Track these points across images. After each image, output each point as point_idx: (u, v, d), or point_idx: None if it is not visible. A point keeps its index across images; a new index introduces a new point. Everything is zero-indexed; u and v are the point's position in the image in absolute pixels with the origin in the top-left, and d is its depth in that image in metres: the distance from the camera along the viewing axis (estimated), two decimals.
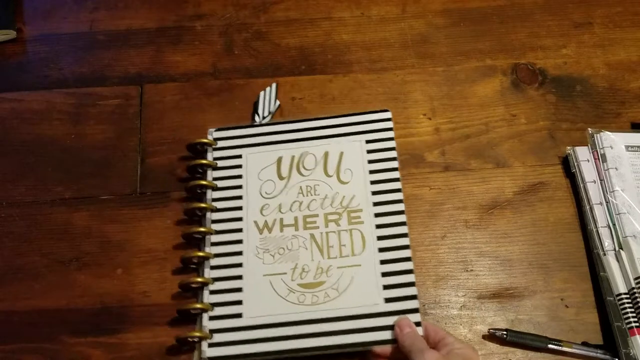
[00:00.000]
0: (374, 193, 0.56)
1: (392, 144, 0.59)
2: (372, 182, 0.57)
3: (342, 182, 0.57)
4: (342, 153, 0.58)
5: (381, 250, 0.54)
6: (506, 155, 0.62)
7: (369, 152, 0.58)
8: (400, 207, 0.56)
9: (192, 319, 0.53)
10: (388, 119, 0.60)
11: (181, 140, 0.62)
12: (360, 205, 0.56)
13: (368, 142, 0.59)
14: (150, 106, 0.64)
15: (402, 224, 0.55)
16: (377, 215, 0.55)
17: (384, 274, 0.53)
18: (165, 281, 0.55)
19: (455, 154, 0.62)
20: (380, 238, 0.54)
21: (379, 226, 0.55)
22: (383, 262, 0.53)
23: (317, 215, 0.56)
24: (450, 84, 0.66)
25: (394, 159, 0.58)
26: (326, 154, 0.58)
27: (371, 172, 0.57)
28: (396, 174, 0.57)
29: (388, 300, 0.51)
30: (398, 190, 0.57)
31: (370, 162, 0.58)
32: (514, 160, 0.62)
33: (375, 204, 0.56)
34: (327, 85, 0.66)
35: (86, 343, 0.52)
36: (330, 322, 0.51)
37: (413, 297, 0.51)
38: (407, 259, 0.53)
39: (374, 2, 0.72)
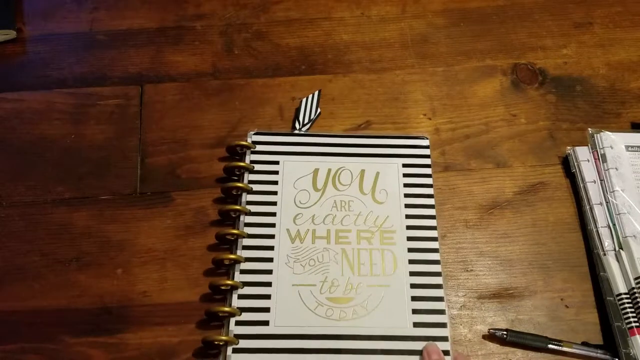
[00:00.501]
0: (408, 217, 0.56)
1: (428, 170, 0.59)
2: (407, 206, 0.57)
3: (376, 202, 0.57)
4: (378, 173, 0.58)
5: (412, 274, 0.54)
6: (506, 155, 0.62)
7: (405, 175, 0.59)
8: (433, 233, 0.56)
9: (217, 321, 0.53)
10: (426, 146, 0.61)
11: (181, 140, 0.62)
12: (394, 227, 0.56)
13: (405, 166, 0.59)
14: (150, 106, 0.64)
15: (435, 250, 0.55)
16: (409, 238, 0.55)
17: (414, 298, 0.52)
18: (166, 281, 0.55)
19: (455, 154, 0.62)
20: (411, 262, 0.54)
21: (411, 250, 0.55)
22: (413, 286, 0.53)
23: (349, 231, 0.55)
24: (450, 84, 0.66)
25: (429, 185, 0.58)
26: (362, 172, 0.58)
27: (406, 195, 0.57)
28: (431, 201, 0.57)
29: (417, 324, 0.51)
30: (432, 217, 0.57)
31: (405, 185, 0.58)
32: (514, 160, 0.62)
33: (409, 227, 0.56)
34: (327, 85, 0.66)
35: (86, 343, 0.52)
36: (358, 340, 0.51)
37: (443, 325, 0.51)
38: (438, 286, 0.53)
39: (374, 2, 0.72)
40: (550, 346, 0.52)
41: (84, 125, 0.63)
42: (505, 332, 0.52)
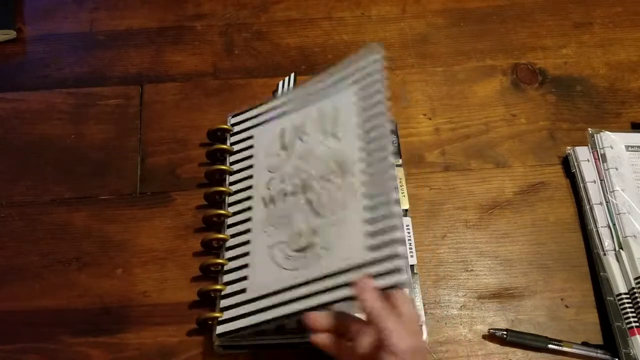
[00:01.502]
0: (363, 149, 0.52)
1: (380, 86, 0.53)
2: (365, 133, 0.52)
3: (336, 139, 0.54)
4: (337, 109, 0.56)
5: (366, 208, 0.49)
6: (506, 155, 0.62)
7: (360, 99, 0.54)
8: (391, 160, 0.50)
9: (209, 301, 0.53)
10: (377, 61, 0.55)
11: (181, 140, 0.62)
12: (353, 159, 0.52)
13: (360, 89, 0.54)
14: (150, 106, 0.64)
15: (392, 178, 0.49)
16: (365, 173, 0.51)
17: (368, 221, 0.48)
18: (166, 281, 0.55)
19: (455, 154, 0.62)
20: (366, 196, 0.50)
21: (366, 183, 0.50)
22: (367, 209, 0.49)
23: (315, 179, 0.54)
24: (450, 84, 0.66)
25: (382, 102, 0.52)
26: (322, 114, 0.56)
27: (364, 121, 0.53)
28: (386, 121, 0.51)
29: (373, 248, 0.47)
30: (388, 137, 0.51)
31: (363, 110, 0.54)
32: (514, 160, 0.62)
33: (363, 159, 0.52)
34: None
35: (86, 343, 0.52)
36: (322, 281, 0.49)
37: (398, 242, 0.46)
38: (396, 216, 0.48)
39: (374, 2, 0.72)
40: (550, 346, 0.52)
41: (84, 125, 0.63)
42: (505, 332, 0.52)
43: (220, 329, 0.50)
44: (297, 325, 0.50)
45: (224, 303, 0.52)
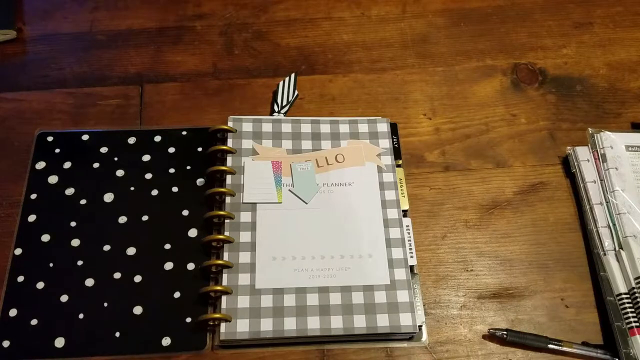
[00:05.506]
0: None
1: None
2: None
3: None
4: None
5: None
6: (506, 155, 0.62)
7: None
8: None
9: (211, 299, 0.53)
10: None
11: None
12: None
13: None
14: (150, 106, 0.64)
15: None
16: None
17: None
18: None
19: (455, 154, 0.62)
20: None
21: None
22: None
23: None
24: (450, 84, 0.66)
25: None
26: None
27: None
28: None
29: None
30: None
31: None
32: (514, 160, 0.62)
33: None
34: (327, 85, 0.66)
35: None
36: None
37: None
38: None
39: (374, 2, 0.72)
40: (550, 346, 0.52)
41: (84, 125, 0.63)
42: (505, 332, 0.52)
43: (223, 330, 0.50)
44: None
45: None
